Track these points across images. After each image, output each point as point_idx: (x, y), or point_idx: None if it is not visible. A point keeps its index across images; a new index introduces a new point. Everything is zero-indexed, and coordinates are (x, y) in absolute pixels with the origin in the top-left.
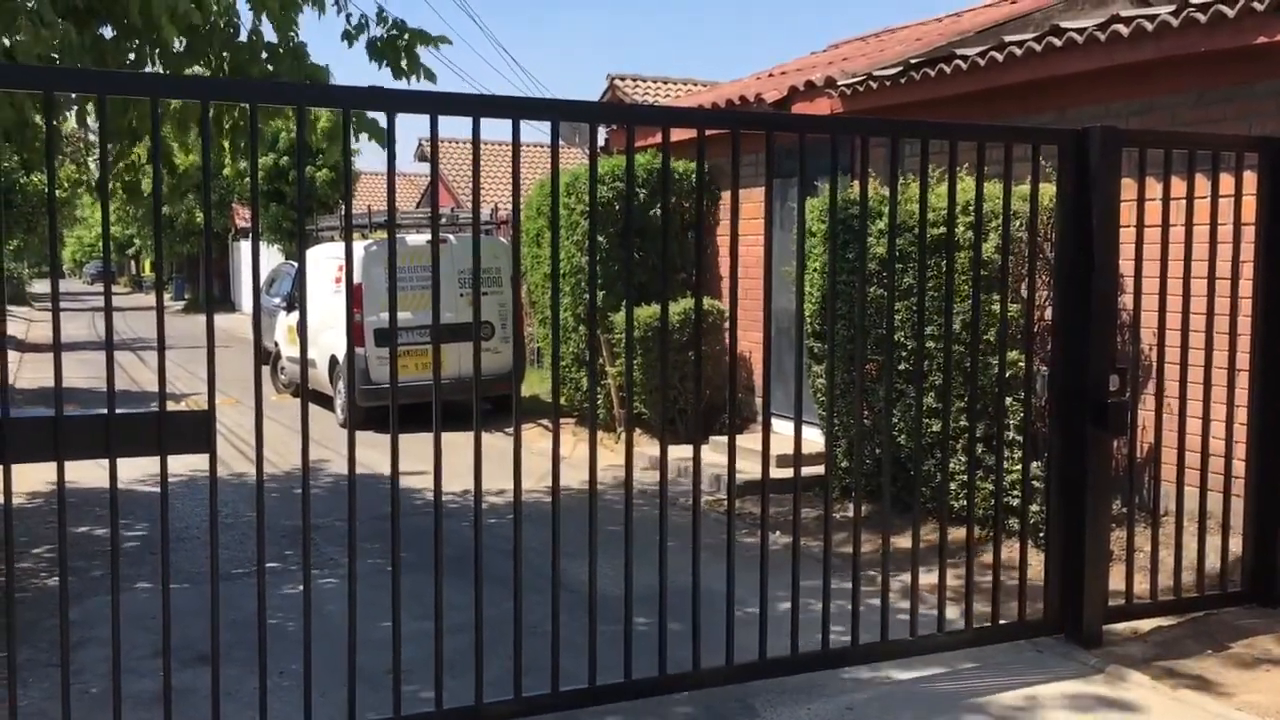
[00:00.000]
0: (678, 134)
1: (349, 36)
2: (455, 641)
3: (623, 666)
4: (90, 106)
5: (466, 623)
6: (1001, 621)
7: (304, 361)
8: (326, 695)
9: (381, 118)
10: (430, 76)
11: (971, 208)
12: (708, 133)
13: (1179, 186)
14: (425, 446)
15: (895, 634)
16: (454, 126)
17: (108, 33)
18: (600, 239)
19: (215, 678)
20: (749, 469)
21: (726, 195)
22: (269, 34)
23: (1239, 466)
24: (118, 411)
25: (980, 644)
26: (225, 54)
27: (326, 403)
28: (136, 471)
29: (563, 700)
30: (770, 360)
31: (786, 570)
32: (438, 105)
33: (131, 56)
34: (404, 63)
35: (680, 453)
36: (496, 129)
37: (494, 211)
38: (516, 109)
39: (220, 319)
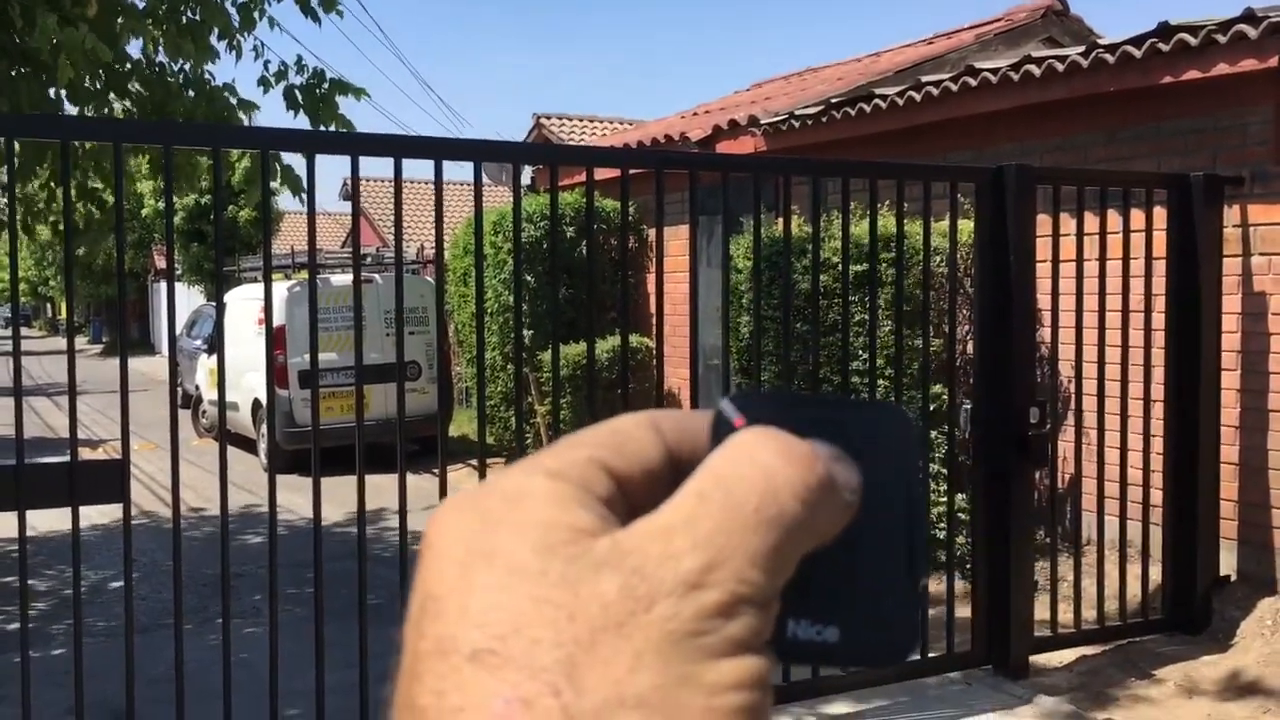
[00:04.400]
0: (605, 172)
1: (266, 83)
2: (381, 690)
3: None
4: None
5: (392, 670)
6: (930, 654)
7: (222, 404)
8: None
9: (298, 160)
10: (348, 126)
11: (895, 244)
12: (633, 171)
13: (1093, 222)
14: (351, 489)
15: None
16: (378, 166)
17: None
18: (528, 277)
19: None
20: None
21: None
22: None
23: (1157, 495)
24: (27, 461)
25: (910, 678)
26: (146, 91)
27: (250, 446)
28: (56, 520)
29: None
30: (699, 396)
31: None
32: (358, 146)
33: (52, 93)
34: (322, 111)
35: None
36: (421, 168)
37: (420, 251)
38: (438, 150)
39: (139, 362)
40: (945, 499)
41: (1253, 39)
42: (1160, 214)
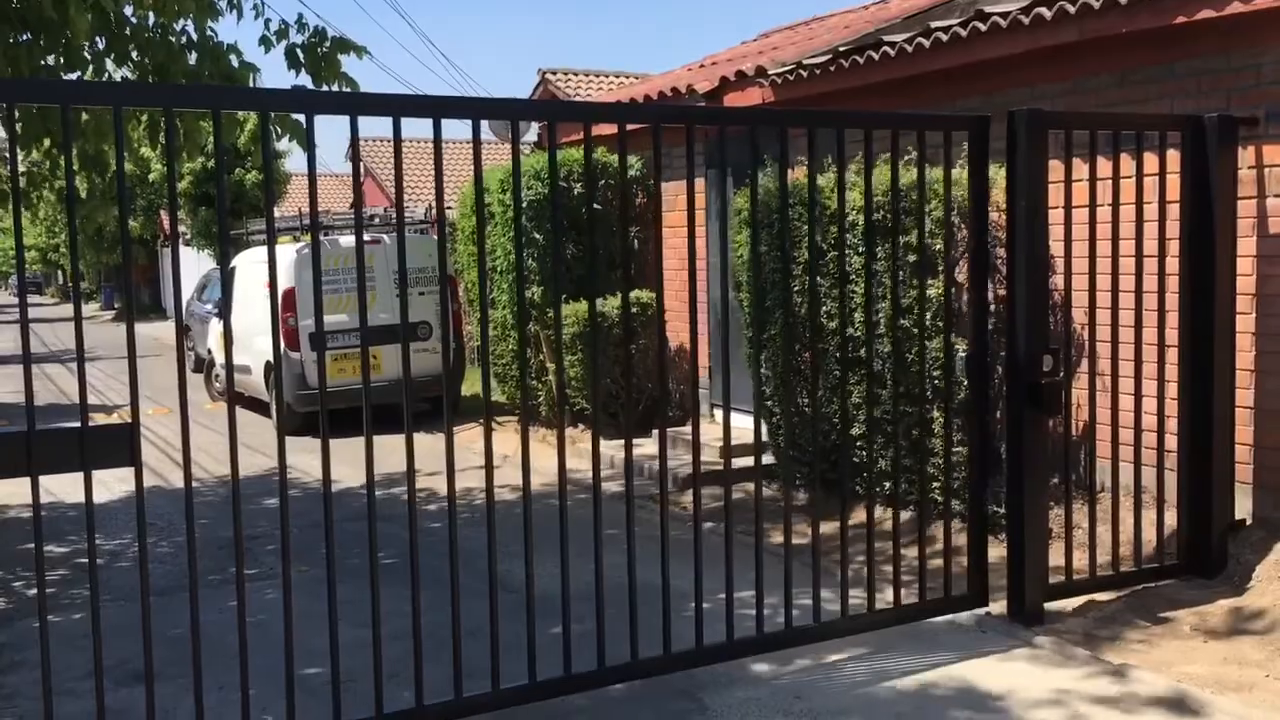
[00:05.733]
0: (608, 128)
1: (266, 42)
2: (396, 648)
3: (562, 662)
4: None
5: (407, 629)
6: (929, 598)
7: (230, 366)
8: (268, 708)
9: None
10: (351, 84)
11: (912, 195)
12: (633, 127)
13: (1105, 167)
14: (363, 450)
15: (828, 616)
16: (382, 125)
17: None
18: (537, 235)
19: (150, 696)
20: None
21: (664, 187)
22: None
23: (1171, 441)
24: (38, 427)
25: (908, 620)
26: (147, 54)
27: (263, 409)
28: (76, 490)
29: (504, 697)
30: (704, 351)
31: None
32: (357, 106)
33: (50, 60)
34: (324, 70)
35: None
36: (425, 127)
37: (428, 210)
38: (437, 108)
39: (151, 327)
40: (959, 448)
41: None
42: (1174, 157)
